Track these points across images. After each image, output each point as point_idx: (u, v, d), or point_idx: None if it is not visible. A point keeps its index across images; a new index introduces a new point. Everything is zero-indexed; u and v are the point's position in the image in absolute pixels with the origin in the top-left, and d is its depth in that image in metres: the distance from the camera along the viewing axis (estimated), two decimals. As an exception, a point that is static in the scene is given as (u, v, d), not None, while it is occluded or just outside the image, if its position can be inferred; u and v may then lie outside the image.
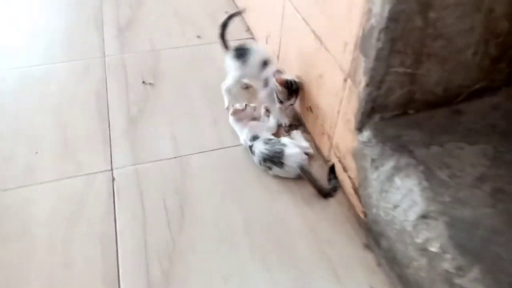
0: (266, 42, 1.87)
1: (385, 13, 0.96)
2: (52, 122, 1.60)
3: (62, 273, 1.14)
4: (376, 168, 1.14)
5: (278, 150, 1.35)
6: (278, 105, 1.49)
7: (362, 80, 1.11)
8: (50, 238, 1.22)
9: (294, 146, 1.39)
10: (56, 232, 1.24)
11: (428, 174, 1.06)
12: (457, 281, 0.88)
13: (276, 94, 1.47)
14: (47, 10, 2.29)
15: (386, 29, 0.98)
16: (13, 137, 1.53)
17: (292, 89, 1.44)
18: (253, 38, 2.04)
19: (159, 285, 1.12)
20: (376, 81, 1.09)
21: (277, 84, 1.43)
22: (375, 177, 1.14)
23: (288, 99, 1.46)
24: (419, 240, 0.99)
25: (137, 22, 2.15)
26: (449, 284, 0.91)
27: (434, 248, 0.94)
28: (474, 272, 0.87)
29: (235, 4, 2.26)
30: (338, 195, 1.36)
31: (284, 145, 1.37)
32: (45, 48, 1.99)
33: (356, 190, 1.28)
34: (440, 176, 1.06)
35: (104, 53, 1.95)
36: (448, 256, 0.91)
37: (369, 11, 1.02)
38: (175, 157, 1.48)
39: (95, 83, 1.78)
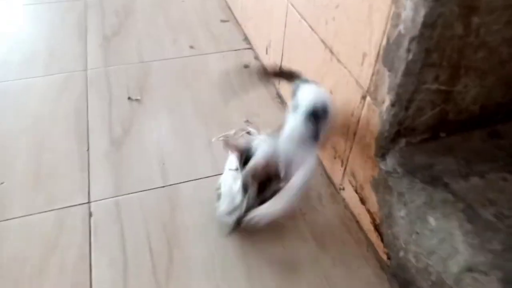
0: (266, 53, 1.69)
1: (420, 18, 0.77)
2: (24, 145, 1.40)
3: (24, 335, 0.93)
4: (404, 204, 0.95)
5: None
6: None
7: (386, 98, 0.92)
8: (12, 289, 1.02)
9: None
10: (22, 281, 1.03)
11: (470, 214, 0.86)
12: None
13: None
14: (28, 17, 2.10)
15: (420, 37, 0.79)
16: (-24, 164, 1.33)
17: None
18: (251, 48, 1.86)
19: None
20: (404, 100, 0.90)
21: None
22: (403, 215, 0.95)
23: None
24: (464, 300, 0.79)
25: (125, 30, 1.97)
26: None
27: (486, 312, 0.75)
28: None
29: (231, 11, 2.09)
30: (355, 232, 1.16)
31: None
32: (24, 60, 1.79)
33: (377, 227, 1.09)
34: (485, 216, 0.86)
35: (86, 65, 1.76)
36: (507, 325, 0.71)
37: (397, 16, 0.83)
38: (163, 186, 1.28)
39: (75, 99, 1.59)
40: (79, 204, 1.21)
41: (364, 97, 1.02)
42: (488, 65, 0.91)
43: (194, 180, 1.30)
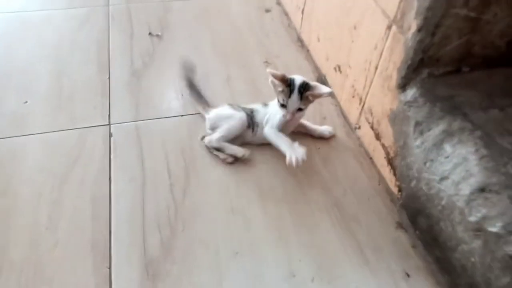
0: (289, -4, 1.67)
1: None
2: (47, 70, 1.43)
3: (46, 238, 0.98)
4: (421, 133, 0.95)
5: None
6: (282, 111, 1.11)
7: (413, 24, 0.91)
8: (36, 197, 1.06)
9: None
10: (43, 191, 1.07)
11: (487, 141, 0.87)
12: (527, 270, 0.71)
13: (277, 96, 1.11)
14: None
15: (454, -47, 0.78)
16: (1, 83, 1.36)
17: (293, 87, 1.06)
18: (274, -8, 1.83)
19: (157, 256, 0.96)
20: (431, 25, 0.89)
21: (273, 79, 1.06)
22: (419, 144, 0.96)
23: (289, 102, 1.07)
24: (473, 218, 0.81)
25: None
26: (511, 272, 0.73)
27: (494, 228, 0.76)
28: (552, 261, 0.69)
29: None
30: (367, 167, 1.18)
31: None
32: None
33: (390, 161, 1.10)
34: (501, 143, 0.87)
35: (108, 1, 1.76)
36: (515, 239, 0.73)
37: None
38: (181, 115, 1.30)
39: (97, 32, 1.60)
40: (100, 125, 1.24)
41: (389, 27, 1.01)
42: (520, -6, 0.89)
43: (212, 112, 1.31)
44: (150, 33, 1.61)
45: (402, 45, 0.97)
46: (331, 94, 1.11)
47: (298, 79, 1.08)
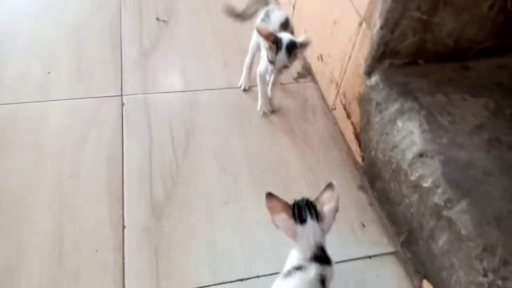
0: (283, -8, 1.87)
1: (408, -49, 0.97)
2: (66, 47, 1.62)
3: (69, 183, 1.19)
4: (380, 111, 1.18)
5: None
6: (269, 66, 1.24)
7: (377, 22, 1.13)
8: (60, 150, 1.27)
9: None
10: (66, 146, 1.28)
11: (430, 118, 1.09)
12: (445, 213, 0.93)
13: (266, 52, 1.23)
14: None
15: (407, -32, 0.99)
16: (27, 56, 1.56)
17: (280, 45, 1.17)
18: (270, -12, 2.03)
19: (162, 201, 1.17)
20: (390, 24, 1.11)
21: (261, 37, 1.17)
22: (378, 120, 1.18)
23: (276, 59, 1.19)
24: (413, 177, 1.03)
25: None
26: (437, 217, 0.96)
27: (426, 183, 0.99)
28: (462, 205, 0.91)
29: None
30: (339, 141, 1.40)
31: None
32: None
33: (357, 136, 1.32)
34: (441, 121, 1.09)
35: (120, -13, 1.95)
36: (439, 190, 0.96)
37: (392, -50, 1.02)
38: (184, 91, 1.51)
39: (110, 15, 1.79)
40: (113, 96, 1.45)
41: (360, 24, 1.22)
42: (463, 3, 1.11)
43: (210, 89, 1.53)
44: (157, 18, 1.80)
45: (369, 39, 1.18)
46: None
47: (286, 38, 1.18)
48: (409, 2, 1.07)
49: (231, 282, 1.04)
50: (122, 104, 1.42)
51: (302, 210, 0.81)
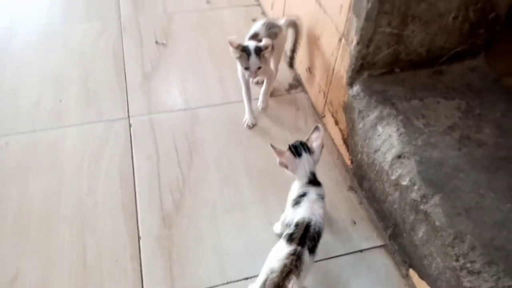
0: (272, 9, 2.00)
1: (374, -22, 1.09)
2: (74, 74, 1.76)
3: (87, 200, 1.33)
4: (363, 118, 1.30)
5: None
6: (246, 73, 1.42)
7: (354, 39, 1.26)
8: (77, 172, 1.40)
9: None
10: (82, 167, 1.42)
11: (406, 122, 1.21)
12: (422, 207, 1.05)
13: (239, 62, 1.41)
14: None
15: (375, -9, 1.12)
16: (39, 86, 1.70)
17: (249, 52, 1.35)
18: (259, 4, 2.17)
19: (172, 212, 1.30)
20: (365, 40, 1.23)
21: (232, 48, 1.36)
22: (361, 126, 1.30)
23: (250, 64, 1.36)
24: (393, 177, 1.15)
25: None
26: (415, 211, 1.08)
27: (405, 182, 1.11)
28: (435, 199, 1.03)
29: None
30: (329, 146, 1.52)
31: None
32: (65, 8, 2.13)
33: (345, 141, 1.44)
34: (416, 124, 1.21)
35: (119, 14, 2.09)
36: (415, 187, 1.08)
37: (361, -24, 1.15)
38: (185, 109, 1.64)
39: (112, 41, 1.93)
40: (121, 118, 1.58)
41: (340, 39, 1.35)
42: (430, 16, 1.23)
43: (209, 106, 1.66)
44: (156, 42, 1.94)
45: (348, 54, 1.31)
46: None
47: (251, 44, 1.38)
48: (380, 19, 1.19)
49: (238, 281, 1.17)
50: (130, 125, 1.56)
51: (298, 148, 1.08)
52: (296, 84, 1.76)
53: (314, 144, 1.10)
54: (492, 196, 1.03)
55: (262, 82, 1.62)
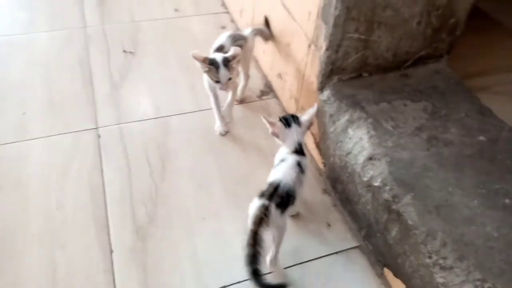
0: (240, 16, 2.01)
1: (340, -16, 1.12)
2: (38, 86, 1.70)
3: (57, 216, 1.28)
4: (334, 122, 1.32)
5: None
6: (217, 86, 1.40)
7: (323, 45, 1.28)
8: (43, 187, 1.35)
9: None
10: (49, 182, 1.36)
11: (376, 125, 1.24)
12: (394, 207, 1.08)
13: (208, 75, 1.40)
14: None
15: (342, -2, 1.15)
16: (0, 98, 1.63)
17: (217, 65, 1.34)
18: (227, 12, 2.17)
19: (145, 223, 1.27)
20: (334, 46, 1.26)
21: (198, 63, 1.35)
22: (332, 130, 1.32)
23: (220, 77, 1.35)
24: (365, 179, 1.17)
25: (116, -6, 2.24)
26: (388, 211, 1.10)
27: (377, 182, 1.13)
28: (407, 199, 1.06)
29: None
30: (303, 150, 1.53)
31: None
32: (28, 18, 2.06)
33: (317, 145, 1.46)
34: (386, 126, 1.24)
35: (85, 23, 2.04)
36: (387, 188, 1.10)
37: (328, -17, 1.17)
38: (156, 118, 1.61)
39: (78, 51, 1.88)
40: (89, 129, 1.54)
41: (309, 46, 1.37)
42: (395, 21, 1.27)
43: (180, 114, 1.64)
44: (124, 51, 1.91)
45: (318, 59, 1.33)
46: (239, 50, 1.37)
47: (218, 56, 1.35)
48: (348, 26, 1.22)
49: (215, 289, 1.15)
50: (98, 136, 1.52)
51: (288, 120, 1.19)
52: (268, 90, 1.77)
53: (303, 118, 1.21)
54: (460, 193, 1.06)
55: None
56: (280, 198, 1.09)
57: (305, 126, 1.21)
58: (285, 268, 1.20)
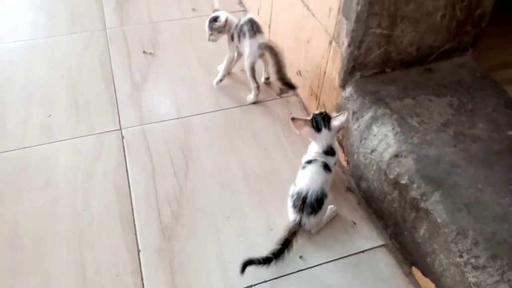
0: (258, 14, 2.00)
1: (363, -20, 1.10)
2: (61, 88, 1.73)
3: (84, 216, 1.30)
4: (357, 119, 1.31)
5: None
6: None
7: (345, 41, 1.26)
8: (70, 188, 1.37)
9: None
10: (76, 182, 1.39)
11: (401, 121, 1.22)
12: (422, 205, 1.06)
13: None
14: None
15: (364, -7, 1.13)
16: (26, 102, 1.66)
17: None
18: (245, 10, 2.17)
19: (170, 223, 1.28)
20: (356, 42, 1.24)
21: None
22: (356, 127, 1.31)
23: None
24: (392, 176, 1.16)
25: (134, -4, 2.26)
26: (416, 209, 1.08)
27: (403, 180, 1.12)
28: (435, 196, 1.04)
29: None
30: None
31: None
32: (49, 22, 2.09)
33: (340, 142, 1.45)
34: (411, 123, 1.22)
35: (105, 25, 2.07)
36: (415, 185, 1.09)
37: (350, -21, 1.16)
38: (177, 118, 1.62)
39: (99, 53, 1.91)
40: (113, 130, 1.56)
41: (330, 42, 1.36)
42: (418, 15, 1.24)
43: (201, 113, 1.65)
44: (144, 51, 1.92)
45: (339, 56, 1.32)
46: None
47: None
48: (370, 21, 1.20)
49: (242, 288, 1.16)
50: (122, 137, 1.53)
51: (319, 123, 1.21)
52: (288, 88, 1.76)
53: (335, 122, 1.21)
54: (491, 190, 1.04)
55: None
56: (310, 207, 1.17)
57: (335, 130, 1.23)
58: (311, 267, 1.20)
